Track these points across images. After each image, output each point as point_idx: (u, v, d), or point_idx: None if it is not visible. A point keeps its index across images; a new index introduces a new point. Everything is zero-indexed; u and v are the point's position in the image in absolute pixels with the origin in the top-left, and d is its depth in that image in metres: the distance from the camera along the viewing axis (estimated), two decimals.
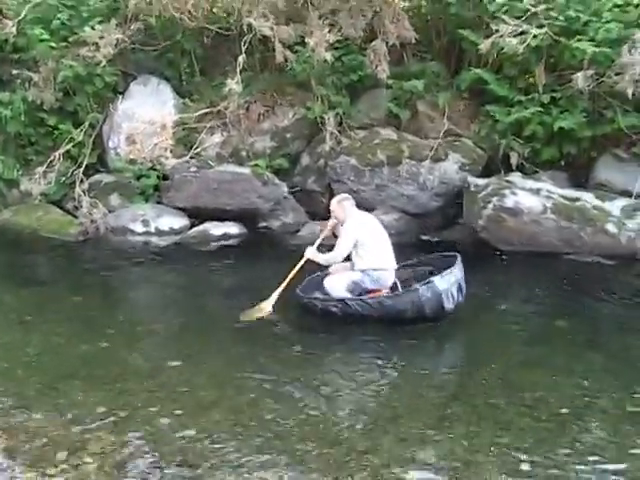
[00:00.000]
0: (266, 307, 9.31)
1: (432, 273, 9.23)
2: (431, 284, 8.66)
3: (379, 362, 7.95)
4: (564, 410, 6.78)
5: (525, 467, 5.84)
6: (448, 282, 8.76)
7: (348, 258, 9.29)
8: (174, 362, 7.87)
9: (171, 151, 12.99)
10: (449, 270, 8.85)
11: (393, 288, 9.28)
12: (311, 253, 9.47)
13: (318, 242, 9.72)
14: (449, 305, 8.77)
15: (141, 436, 6.29)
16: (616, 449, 6.13)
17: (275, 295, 9.37)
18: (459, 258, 9.13)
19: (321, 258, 9.44)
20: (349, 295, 9.09)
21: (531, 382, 7.37)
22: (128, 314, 9.66)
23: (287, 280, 9.41)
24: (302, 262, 9.50)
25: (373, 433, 6.36)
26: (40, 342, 8.42)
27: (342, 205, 9.47)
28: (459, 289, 8.90)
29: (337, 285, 9.17)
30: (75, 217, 13.43)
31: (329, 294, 9.18)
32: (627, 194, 12.18)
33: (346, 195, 9.89)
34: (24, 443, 6.16)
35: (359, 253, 9.16)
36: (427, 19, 14.26)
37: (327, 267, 9.63)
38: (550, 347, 8.33)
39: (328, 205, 10.05)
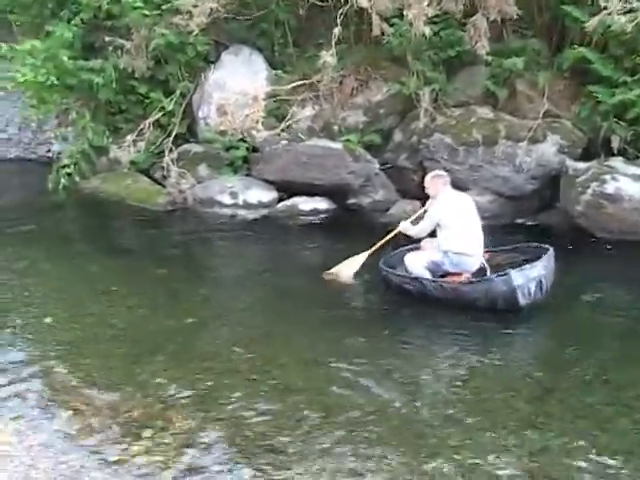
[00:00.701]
0: (348, 271, 9.41)
1: (525, 263, 8.82)
2: (507, 277, 8.30)
3: (466, 352, 7.66)
4: None
5: (625, 471, 5.47)
6: (526, 277, 8.34)
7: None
8: (259, 341, 7.75)
9: (262, 123, 12.78)
10: (530, 265, 8.46)
11: (479, 272, 9.02)
12: (403, 225, 9.40)
13: (414, 217, 9.63)
14: (524, 301, 8.33)
15: (226, 417, 6.14)
16: None
17: (359, 260, 9.43)
18: (551, 252, 8.74)
19: (410, 230, 9.34)
20: (428, 274, 8.93)
21: (630, 380, 6.98)
22: (214, 289, 9.57)
23: (373, 249, 9.45)
24: (393, 233, 9.48)
25: (464, 427, 6.07)
26: (125, 315, 8.40)
27: (434, 181, 9.31)
28: (539, 285, 8.45)
29: (416, 262, 9.05)
30: (163, 187, 13.40)
31: (407, 269, 9.05)
32: None
33: (441, 172, 9.75)
34: (109, 419, 6.07)
35: (443, 233, 8.97)
36: None
37: (417, 241, 9.46)
38: None
39: (420, 183, 9.96)
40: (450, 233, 8.89)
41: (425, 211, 9.42)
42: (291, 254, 11.01)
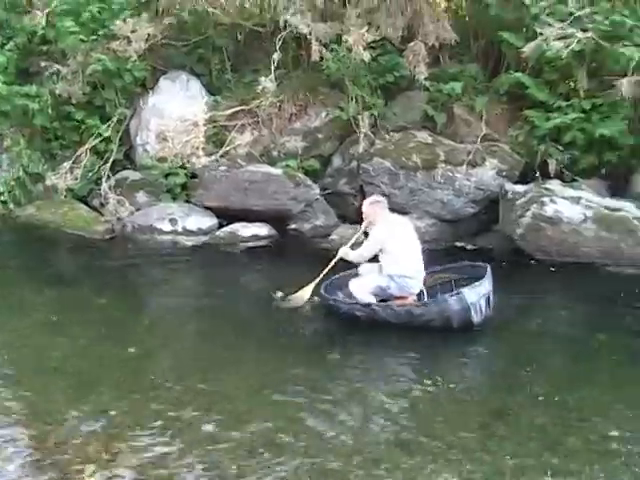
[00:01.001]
0: (300, 300, 9.31)
1: (457, 282, 9.10)
2: (460, 295, 8.42)
3: (416, 376, 7.65)
4: (613, 432, 6.40)
5: None
6: (477, 294, 8.50)
7: (376, 260, 9.11)
8: (205, 371, 7.60)
9: (203, 149, 12.66)
10: (479, 282, 8.60)
11: (419, 295, 9.11)
12: (343, 252, 9.31)
13: (351, 242, 9.55)
14: (477, 318, 8.52)
15: (176, 449, 5.98)
16: None
17: (309, 290, 9.30)
18: (489, 269, 8.90)
19: (351, 255, 9.25)
20: (373, 299, 8.93)
21: (576, 400, 7.02)
22: (156, 318, 9.41)
23: (320, 277, 9.31)
24: (335, 260, 9.35)
25: (417, 452, 6.01)
26: (67, 345, 8.16)
27: (374, 207, 9.29)
28: (487, 302, 8.65)
29: (362, 289, 9.01)
30: (101, 214, 13.18)
31: (353, 297, 9.01)
32: None
33: (378, 197, 9.76)
34: (49, 454, 5.87)
35: (386, 258, 8.97)
36: (464, 20, 13.85)
37: (356, 267, 9.44)
38: (593, 363, 8.00)
39: (359, 208, 9.84)
40: (393, 257, 8.92)
41: (365, 234, 9.40)
42: (233, 281, 10.85)
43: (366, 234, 9.39)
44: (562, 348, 8.55)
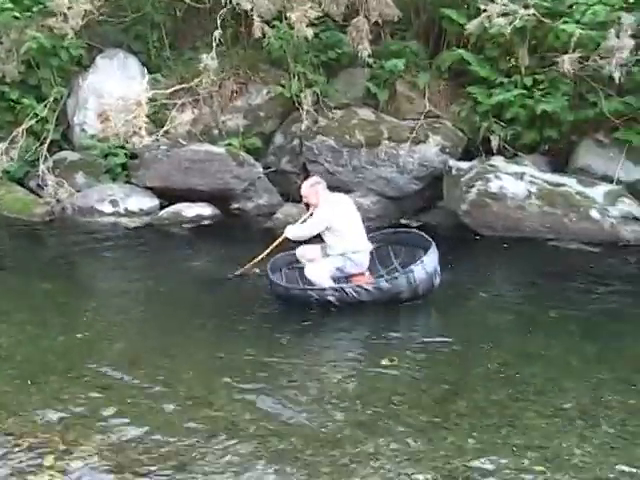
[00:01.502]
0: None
1: (393, 247, 9.59)
2: (423, 264, 8.63)
3: (368, 354, 7.70)
4: (567, 405, 6.48)
5: (540, 467, 5.48)
6: (434, 260, 8.77)
7: (319, 239, 9.11)
8: (157, 355, 7.47)
9: (145, 129, 12.38)
10: (431, 249, 8.81)
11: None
12: (290, 230, 9.26)
13: (300, 222, 9.48)
14: (437, 282, 8.85)
15: (132, 437, 5.84)
16: (627, 446, 5.82)
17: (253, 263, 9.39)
18: (427, 237, 9.16)
19: (291, 232, 9.21)
20: (332, 282, 8.88)
21: (530, 375, 7.07)
22: (102, 302, 9.21)
23: (262, 255, 9.36)
24: (280, 239, 9.34)
25: (378, 433, 5.96)
26: (12, 333, 7.94)
27: (315, 189, 9.19)
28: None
29: (321, 274, 8.91)
30: (39, 196, 12.84)
31: (315, 284, 8.89)
32: (607, 179, 12.03)
33: (317, 178, 9.65)
34: (4, 446, 5.65)
35: (335, 237, 8.94)
36: None
37: (296, 244, 9.44)
38: (543, 337, 8.03)
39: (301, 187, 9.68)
40: (342, 236, 8.90)
41: (311, 215, 9.30)
42: (177, 262, 10.66)
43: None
44: (512, 323, 8.59)
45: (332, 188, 10.14)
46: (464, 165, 12.09)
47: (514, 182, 11.60)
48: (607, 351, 7.70)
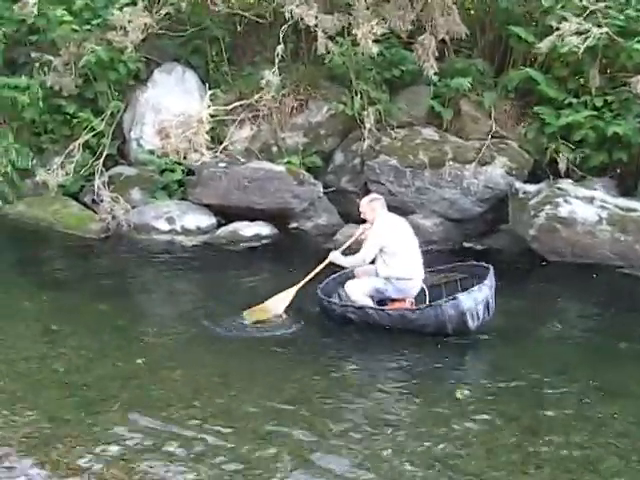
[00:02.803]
0: (277, 307, 8.95)
1: (463, 281, 8.95)
2: (456, 301, 8.20)
3: (438, 385, 7.39)
4: None
5: None
6: (474, 300, 8.24)
7: (373, 262, 8.84)
8: (220, 385, 7.19)
9: (206, 146, 12.13)
10: (477, 287, 8.33)
11: (419, 294, 8.86)
12: (334, 256, 9.04)
13: (345, 246, 9.34)
14: (473, 324, 8.28)
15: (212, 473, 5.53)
16: None
17: (289, 295, 9.01)
18: (492, 271, 8.60)
19: (344, 261, 9.02)
20: (369, 301, 8.70)
21: (610, 415, 6.66)
22: (161, 326, 8.87)
23: (303, 282, 9.06)
24: (323, 265, 9.10)
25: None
26: (70, 357, 7.66)
27: (372, 205, 8.98)
28: (486, 306, 8.37)
29: (358, 290, 8.76)
30: (94, 212, 12.66)
31: (349, 298, 8.77)
32: None
33: (376, 195, 9.47)
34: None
35: (384, 259, 8.71)
36: (470, 13, 13.45)
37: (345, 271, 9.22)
38: (618, 373, 7.62)
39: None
40: (391, 258, 8.66)
41: (362, 237, 9.11)
42: (236, 283, 10.39)
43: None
44: (583, 356, 8.24)
45: (394, 209, 9.89)
46: (531, 188, 11.71)
47: (584, 207, 11.22)
48: None
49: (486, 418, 6.60)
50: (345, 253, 9.11)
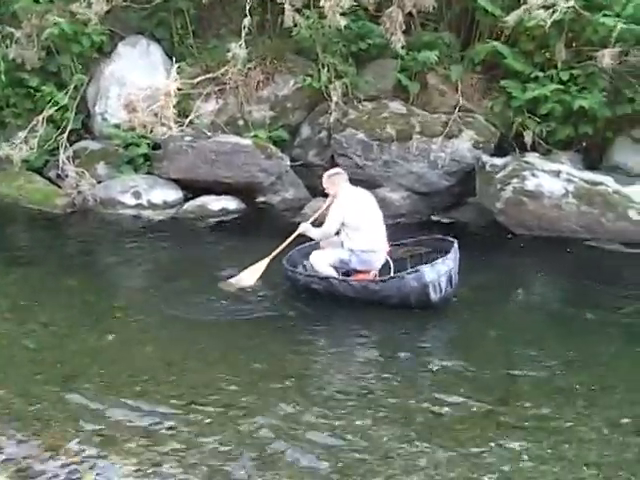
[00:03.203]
0: (249, 279, 9.03)
1: (428, 255, 8.98)
2: (418, 273, 8.25)
3: (414, 356, 7.45)
4: (625, 419, 6.14)
5: None
6: (437, 272, 8.30)
7: (338, 233, 8.92)
8: (196, 358, 7.18)
9: (175, 120, 11.99)
10: (440, 260, 8.40)
11: (384, 267, 8.95)
12: (305, 227, 9.10)
13: (313, 218, 9.45)
14: (435, 296, 8.31)
15: (180, 447, 5.52)
16: None
17: (261, 267, 9.07)
18: (456, 245, 8.67)
19: (314, 232, 9.07)
20: (333, 271, 8.78)
21: (579, 383, 6.78)
22: (130, 301, 8.83)
23: (274, 254, 9.13)
24: (294, 236, 9.17)
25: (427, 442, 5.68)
26: (41, 333, 7.63)
27: (333, 180, 9.07)
28: (449, 280, 8.43)
29: (323, 261, 8.83)
30: (59, 187, 12.51)
31: (313, 268, 8.85)
32: None
33: (338, 169, 9.55)
34: (43, 461, 5.29)
35: (347, 232, 8.79)
36: None
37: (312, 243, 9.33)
38: (586, 342, 7.77)
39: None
40: (355, 231, 8.73)
41: (327, 208, 9.14)
42: (205, 258, 10.35)
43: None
44: (551, 326, 8.37)
45: (361, 182, 9.94)
46: (498, 161, 11.76)
47: (551, 180, 11.28)
48: None
49: (459, 390, 6.65)
50: (313, 225, 9.16)
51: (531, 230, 11.27)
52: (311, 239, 9.20)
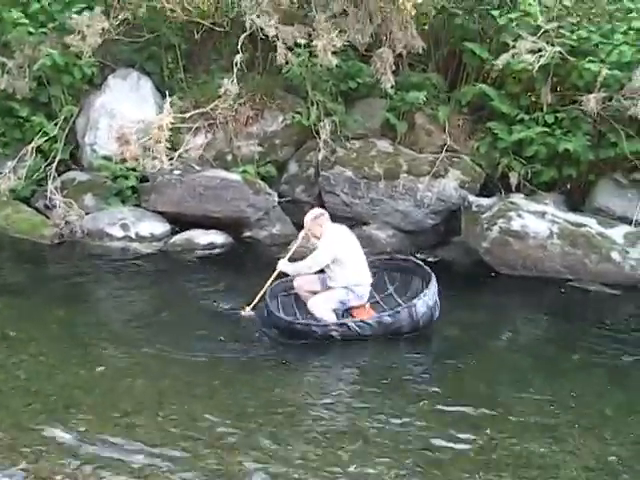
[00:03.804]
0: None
1: (389, 275, 9.74)
2: (425, 297, 8.70)
3: (401, 395, 7.51)
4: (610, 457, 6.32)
5: None
6: (434, 294, 8.82)
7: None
8: (177, 393, 7.25)
9: (166, 154, 12.02)
10: (433, 282, 8.86)
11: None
12: (281, 265, 9.27)
13: (289, 254, 9.58)
14: (436, 314, 8.91)
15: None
16: None
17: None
18: (426, 268, 9.30)
19: (292, 269, 9.26)
20: (334, 316, 8.93)
21: (567, 424, 6.93)
22: (120, 333, 8.85)
23: (263, 291, 9.23)
24: (275, 275, 9.29)
25: None
26: (30, 364, 7.64)
27: (318, 221, 9.24)
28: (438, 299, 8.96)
29: (324, 307, 8.96)
30: (46, 217, 12.47)
31: (319, 319, 8.88)
32: (625, 221, 11.83)
33: (321, 210, 9.66)
34: None
35: (338, 269, 8.95)
36: (424, 28, 13.58)
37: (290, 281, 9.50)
38: (571, 383, 7.91)
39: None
40: (345, 268, 8.91)
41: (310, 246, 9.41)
42: (190, 292, 10.36)
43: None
44: (535, 367, 8.47)
45: (348, 219, 10.17)
46: (484, 201, 11.91)
47: (536, 221, 11.41)
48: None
49: (448, 428, 6.76)
50: (290, 261, 9.36)
51: (515, 269, 11.35)
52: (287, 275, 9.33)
